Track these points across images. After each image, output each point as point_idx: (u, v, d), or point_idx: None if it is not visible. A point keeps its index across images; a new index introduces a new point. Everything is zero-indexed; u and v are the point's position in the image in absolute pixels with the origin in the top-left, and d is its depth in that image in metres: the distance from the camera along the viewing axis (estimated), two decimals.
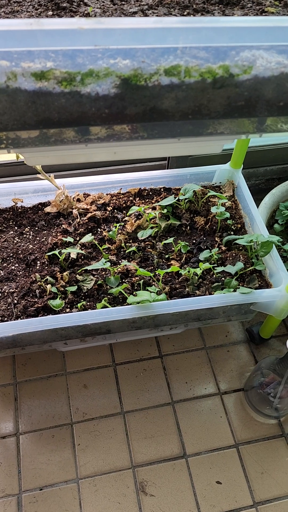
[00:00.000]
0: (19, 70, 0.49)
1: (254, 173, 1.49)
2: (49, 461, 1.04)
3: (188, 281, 1.08)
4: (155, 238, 1.18)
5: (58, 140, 0.61)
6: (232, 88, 0.56)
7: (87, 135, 0.61)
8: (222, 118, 0.61)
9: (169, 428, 1.10)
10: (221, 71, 0.54)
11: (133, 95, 0.55)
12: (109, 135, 0.62)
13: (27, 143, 0.60)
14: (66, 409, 1.12)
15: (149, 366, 1.20)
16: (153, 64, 0.52)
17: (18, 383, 1.15)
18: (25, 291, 1.05)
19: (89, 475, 1.03)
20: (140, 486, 1.02)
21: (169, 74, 0.53)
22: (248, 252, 1.12)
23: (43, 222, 1.20)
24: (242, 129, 0.65)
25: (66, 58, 0.50)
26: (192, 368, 1.20)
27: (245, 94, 0.57)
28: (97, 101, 0.55)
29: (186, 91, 0.56)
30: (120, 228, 1.18)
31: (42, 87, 0.51)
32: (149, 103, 0.56)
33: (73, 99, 0.54)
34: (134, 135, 0.63)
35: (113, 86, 0.53)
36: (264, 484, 1.04)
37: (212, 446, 1.08)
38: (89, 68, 0.51)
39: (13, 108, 0.53)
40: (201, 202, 1.22)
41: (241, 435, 1.10)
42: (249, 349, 1.25)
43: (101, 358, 1.20)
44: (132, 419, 1.11)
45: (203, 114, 0.59)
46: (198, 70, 0.54)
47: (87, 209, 1.21)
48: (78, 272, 1.08)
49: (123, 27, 0.48)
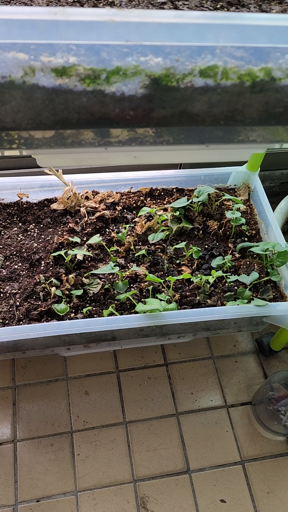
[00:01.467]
0: (38, 64, 0.43)
1: (270, 176, 1.44)
2: (47, 471, 1.00)
3: (200, 289, 1.03)
4: (166, 242, 1.12)
5: (75, 142, 0.55)
6: (271, 93, 0.51)
7: (107, 137, 0.56)
8: (256, 125, 0.56)
9: (172, 441, 1.06)
10: (262, 74, 0.49)
11: (162, 97, 0.49)
12: (131, 139, 0.56)
13: (41, 144, 0.55)
14: (66, 416, 1.07)
15: (153, 374, 1.15)
16: (187, 63, 0.46)
17: (17, 387, 1.10)
18: (28, 293, 1.00)
19: (88, 488, 0.99)
20: (141, 501, 0.98)
21: (204, 75, 0.48)
22: (263, 260, 1.07)
23: (49, 220, 1.15)
24: (276, 137, 0.59)
25: (91, 53, 0.44)
26: (198, 378, 1.16)
27: (286, 100, 0.52)
28: (122, 102, 0.49)
29: (221, 95, 0.50)
30: (130, 229, 1.13)
31: (63, 84, 0.46)
32: (178, 106, 0.51)
33: (96, 99, 0.48)
34: (159, 139, 0.57)
35: (141, 86, 0.48)
36: (270, 504, 1.00)
37: (217, 462, 1.04)
38: (116, 66, 0.45)
39: (28, 106, 0.47)
40: (215, 205, 1.17)
41: (248, 451, 1.06)
42: (258, 360, 1.20)
43: (104, 364, 1.16)
44: (134, 430, 1.07)
45: (237, 120, 0.54)
46: (237, 72, 0.48)
47: (95, 207, 1.16)
48: (85, 275, 1.03)
49: (158, 21, 0.43)
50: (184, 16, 0.44)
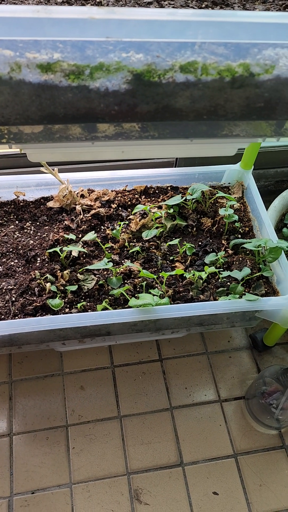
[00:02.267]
0: (24, 60, 0.45)
1: (264, 174, 1.45)
2: (42, 464, 1.02)
3: (193, 284, 1.05)
4: (160, 239, 1.14)
5: (63, 137, 0.57)
6: (251, 89, 0.52)
7: (94, 132, 0.58)
8: (239, 120, 0.57)
9: (166, 435, 1.07)
10: (241, 69, 0.50)
11: (145, 92, 0.51)
12: (118, 133, 0.58)
13: (30, 139, 0.57)
14: (62, 410, 1.09)
15: (148, 369, 1.17)
16: (168, 59, 0.48)
17: (14, 382, 1.12)
18: (23, 289, 1.02)
19: (82, 480, 1.00)
20: (135, 493, 0.99)
21: (185, 71, 0.50)
22: (255, 257, 1.09)
23: (45, 217, 1.17)
24: (259, 132, 0.61)
25: (75, 49, 0.46)
26: (193, 373, 1.17)
27: (265, 95, 0.53)
28: (106, 97, 0.51)
29: (202, 90, 0.52)
30: (124, 226, 1.15)
31: (48, 80, 0.48)
32: (161, 101, 0.53)
33: (81, 94, 0.50)
34: (144, 134, 0.59)
35: (124, 82, 0.49)
36: (262, 497, 1.01)
37: (210, 455, 1.06)
38: (99, 62, 0.47)
39: (16, 101, 0.49)
40: (208, 203, 1.19)
41: (240, 445, 1.07)
42: (252, 356, 1.21)
43: (99, 359, 1.17)
44: (129, 423, 1.08)
45: (219, 115, 0.55)
46: (216, 68, 0.50)
47: (91, 205, 1.18)
48: (79, 271, 1.05)
49: (138, 18, 0.44)
50: (164, 13, 0.46)
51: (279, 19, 0.48)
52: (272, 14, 0.53)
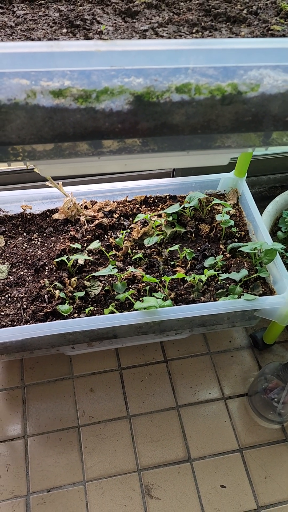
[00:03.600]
0: (38, 88, 0.52)
1: (258, 181, 1.52)
2: (56, 464, 1.06)
3: (193, 287, 1.10)
4: (161, 245, 1.20)
5: (72, 153, 0.63)
6: (240, 105, 0.59)
7: (100, 148, 0.64)
8: (230, 133, 0.64)
9: (174, 432, 1.12)
10: (230, 88, 0.57)
11: (145, 111, 0.57)
12: (121, 148, 0.64)
13: (42, 156, 0.63)
14: (73, 412, 1.14)
15: (154, 370, 1.22)
16: (165, 82, 0.55)
17: (26, 386, 1.17)
18: (34, 296, 1.07)
19: (95, 478, 1.05)
20: (146, 489, 1.04)
21: (180, 92, 0.56)
22: (252, 259, 1.15)
23: (51, 229, 1.23)
24: (248, 142, 0.67)
25: (83, 76, 0.52)
26: (197, 373, 1.23)
27: (252, 110, 0.60)
28: (111, 117, 0.57)
29: (196, 107, 0.58)
30: (127, 235, 1.21)
31: (59, 104, 0.54)
32: (160, 119, 0.59)
33: (88, 115, 0.56)
34: (145, 148, 0.65)
35: (126, 103, 0.56)
36: (268, 488, 1.05)
37: (217, 450, 1.10)
38: (104, 86, 0.53)
39: (30, 123, 0.55)
40: (205, 210, 1.25)
41: (245, 440, 1.12)
42: (253, 354, 1.27)
43: (107, 362, 1.23)
44: (137, 422, 1.13)
45: (212, 128, 0.62)
46: (207, 88, 0.56)
47: (94, 216, 1.24)
48: (86, 278, 1.11)
49: (137, 49, 0.51)
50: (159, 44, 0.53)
51: (261, 44, 0.55)
52: (255, 40, 0.59)
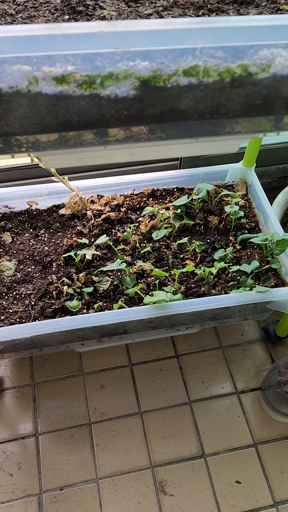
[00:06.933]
0: (41, 74, 0.50)
1: (267, 171, 1.49)
2: (68, 461, 1.05)
3: (204, 280, 1.08)
4: (170, 238, 1.18)
5: (77, 143, 0.61)
6: (250, 87, 0.56)
7: (105, 137, 0.62)
8: (240, 117, 0.61)
9: (187, 428, 1.10)
10: (240, 70, 0.54)
11: (152, 96, 0.55)
12: (127, 137, 0.62)
13: (46, 146, 0.61)
14: (84, 409, 1.13)
15: (165, 366, 1.20)
16: (172, 65, 0.52)
17: (36, 384, 1.16)
18: (42, 293, 1.06)
19: (108, 475, 1.04)
20: (160, 485, 1.02)
21: (187, 75, 0.54)
22: (263, 250, 1.12)
23: (57, 224, 1.21)
24: (259, 127, 0.65)
25: (86, 61, 0.50)
26: (209, 367, 1.21)
27: (263, 92, 0.57)
28: (116, 103, 0.55)
29: (204, 91, 0.56)
30: (135, 228, 1.19)
31: (63, 91, 0.52)
32: (167, 104, 0.57)
33: (93, 102, 0.54)
34: (152, 136, 0.63)
35: (132, 88, 0.54)
36: (285, 483, 1.03)
37: (231, 445, 1.08)
38: (109, 71, 0.51)
39: (33, 112, 0.54)
40: (214, 201, 1.22)
41: (260, 434, 1.10)
42: (265, 348, 1.24)
43: (117, 358, 1.21)
44: (149, 419, 1.12)
45: (221, 113, 0.59)
46: (216, 70, 0.54)
47: (101, 210, 1.22)
48: (94, 273, 1.09)
49: (142, 29, 0.49)
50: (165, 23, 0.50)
51: (272, 21, 0.52)
52: (265, 17, 0.57)
